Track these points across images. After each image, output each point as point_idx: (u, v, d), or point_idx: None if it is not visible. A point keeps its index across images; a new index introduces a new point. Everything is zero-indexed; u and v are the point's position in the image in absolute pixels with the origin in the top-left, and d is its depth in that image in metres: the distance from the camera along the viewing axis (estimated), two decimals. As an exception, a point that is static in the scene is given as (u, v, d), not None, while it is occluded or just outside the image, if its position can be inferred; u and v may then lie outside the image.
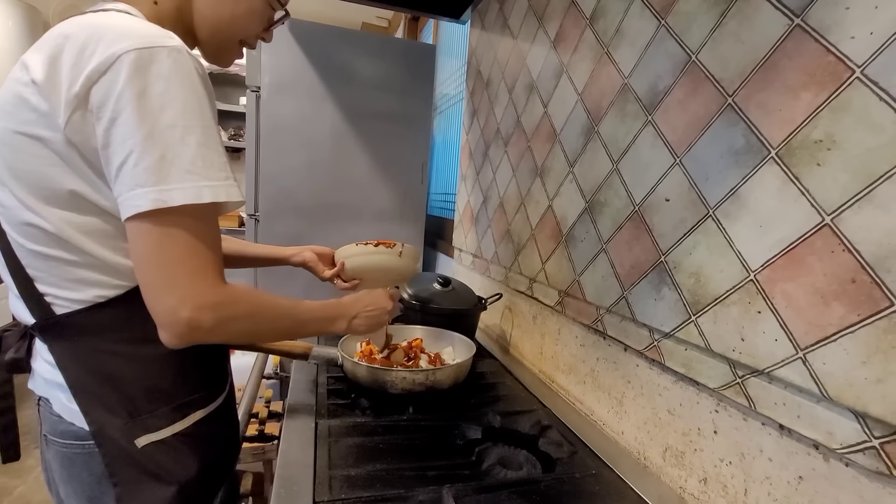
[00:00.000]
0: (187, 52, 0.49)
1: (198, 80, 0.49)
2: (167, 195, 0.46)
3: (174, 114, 0.47)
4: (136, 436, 0.56)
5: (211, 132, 0.50)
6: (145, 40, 0.47)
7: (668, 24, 0.70)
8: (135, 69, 0.46)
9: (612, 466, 0.71)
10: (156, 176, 0.46)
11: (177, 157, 0.47)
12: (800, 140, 0.50)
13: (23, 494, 1.72)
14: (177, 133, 0.47)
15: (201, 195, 0.48)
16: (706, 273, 0.62)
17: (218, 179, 0.49)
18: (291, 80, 1.67)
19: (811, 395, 0.49)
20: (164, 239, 0.48)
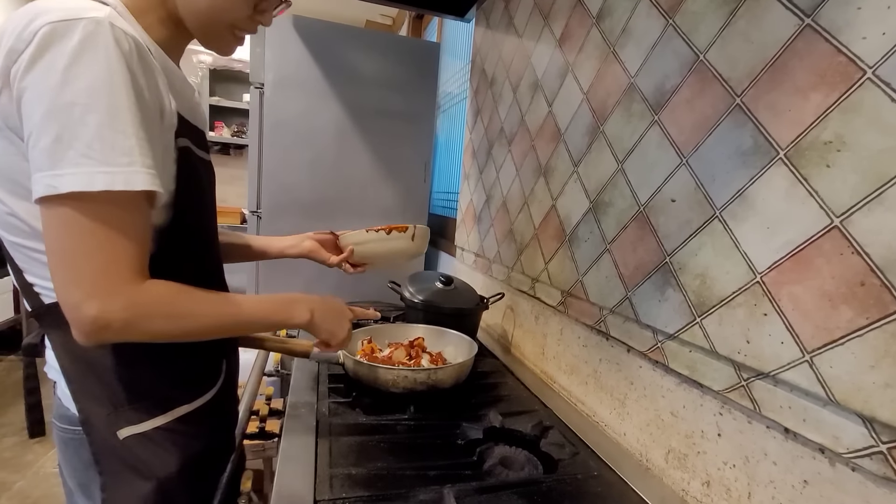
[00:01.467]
0: (110, 25, 0.44)
1: (114, 55, 0.44)
2: (58, 180, 0.43)
3: (76, 90, 0.43)
4: (118, 427, 0.56)
5: (120, 112, 0.44)
6: (64, 13, 0.43)
7: (675, 23, 0.69)
8: (45, 43, 0.42)
9: (614, 468, 0.70)
10: (50, 159, 0.43)
11: (73, 138, 0.43)
12: (809, 141, 0.50)
13: (22, 489, 1.72)
14: (76, 112, 0.43)
15: (93, 182, 0.43)
16: (712, 274, 0.61)
17: (118, 165, 0.44)
18: (295, 78, 1.66)
19: (817, 399, 0.49)
20: (71, 228, 0.44)
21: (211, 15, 0.57)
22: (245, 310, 0.58)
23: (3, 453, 1.90)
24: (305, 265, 0.99)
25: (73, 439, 0.57)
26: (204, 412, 0.63)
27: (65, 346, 0.55)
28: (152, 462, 0.58)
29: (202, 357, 0.64)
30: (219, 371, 0.68)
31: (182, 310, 0.52)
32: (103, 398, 0.55)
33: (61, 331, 0.54)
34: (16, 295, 2.75)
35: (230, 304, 0.56)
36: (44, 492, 1.70)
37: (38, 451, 1.92)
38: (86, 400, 0.55)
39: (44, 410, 0.64)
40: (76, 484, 0.60)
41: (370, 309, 0.80)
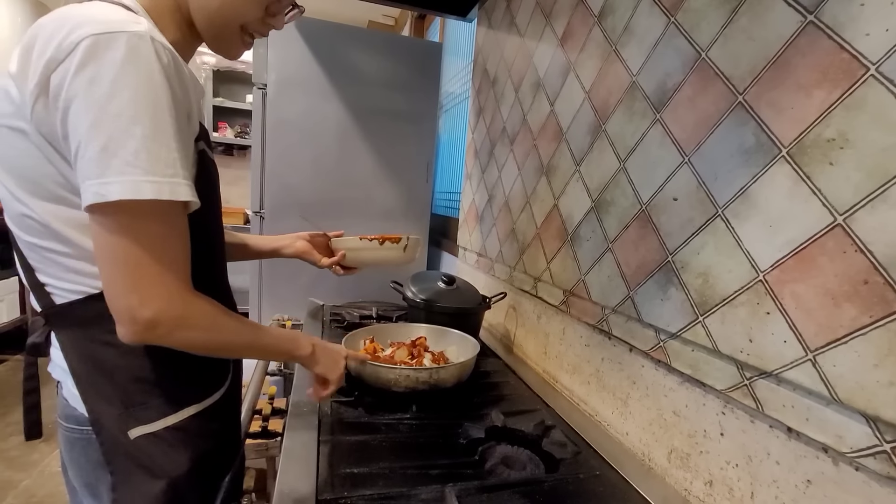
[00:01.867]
0: (151, 39, 0.46)
1: (156, 69, 0.46)
2: (106, 188, 0.44)
3: (122, 102, 0.44)
4: (129, 426, 0.56)
5: (162, 125, 0.46)
6: (106, 26, 0.44)
7: (677, 21, 0.69)
8: (89, 55, 0.43)
9: (617, 467, 0.70)
10: (98, 168, 0.44)
11: (119, 147, 0.44)
12: (812, 139, 0.50)
13: (28, 488, 1.73)
14: (122, 122, 0.44)
15: (140, 190, 0.44)
16: (714, 273, 0.61)
17: (163, 175, 0.46)
18: (298, 78, 1.67)
19: (821, 398, 0.48)
20: (126, 236, 0.46)
21: (222, 16, 0.58)
22: (263, 337, 0.62)
23: (9, 452, 1.92)
24: (308, 266, 1.00)
25: (81, 439, 0.58)
26: (213, 411, 0.64)
27: (75, 347, 0.55)
28: (163, 461, 0.58)
29: (212, 359, 0.65)
30: (227, 370, 0.69)
31: (219, 327, 0.55)
32: (114, 398, 0.56)
33: (72, 331, 0.55)
34: (21, 295, 2.77)
35: (253, 330, 0.61)
36: (49, 490, 1.71)
37: (44, 451, 1.93)
38: (96, 400, 0.56)
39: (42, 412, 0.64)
40: (82, 484, 0.60)
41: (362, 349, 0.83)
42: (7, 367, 2.68)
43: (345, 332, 1.15)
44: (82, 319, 0.54)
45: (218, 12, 0.58)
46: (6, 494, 1.68)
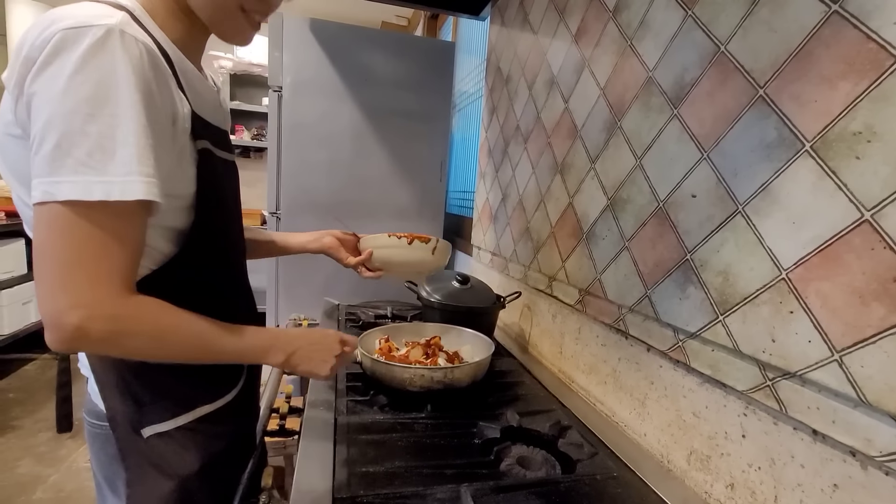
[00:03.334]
0: (120, 32, 0.44)
1: (121, 62, 0.44)
2: (56, 188, 0.43)
3: (78, 98, 0.42)
4: (142, 425, 0.57)
5: (123, 122, 0.44)
6: (76, 21, 0.43)
7: (695, 14, 0.68)
8: (54, 51, 0.42)
9: (635, 469, 0.69)
10: (49, 166, 0.43)
11: (73, 146, 0.42)
12: (837, 132, 0.48)
13: (56, 482, 1.79)
14: (77, 120, 0.42)
15: (90, 191, 0.43)
16: (735, 271, 0.60)
17: (116, 175, 0.44)
18: (312, 80, 1.68)
19: (848, 400, 0.47)
20: (64, 235, 0.44)
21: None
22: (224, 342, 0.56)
23: (38, 447, 1.98)
24: (324, 266, 1.01)
25: (101, 434, 0.59)
26: (225, 412, 0.64)
27: None
28: (174, 461, 0.59)
29: None
30: (240, 372, 0.69)
31: (167, 333, 0.51)
32: (128, 396, 0.57)
33: None
34: (49, 296, 2.86)
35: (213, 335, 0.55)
36: (77, 485, 1.77)
37: (71, 447, 1.99)
38: (112, 397, 0.57)
39: (73, 407, 0.66)
40: (103, 477, 0.62)
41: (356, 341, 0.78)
42: (36, 365, 2.77)
43: (360, 331, 1.16)
44: None
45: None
46: (35, 488, 1.74)
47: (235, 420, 0.68)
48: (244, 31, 0.59)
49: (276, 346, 0.62)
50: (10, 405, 2.31)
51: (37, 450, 1.97)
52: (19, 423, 2.16)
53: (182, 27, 0.56)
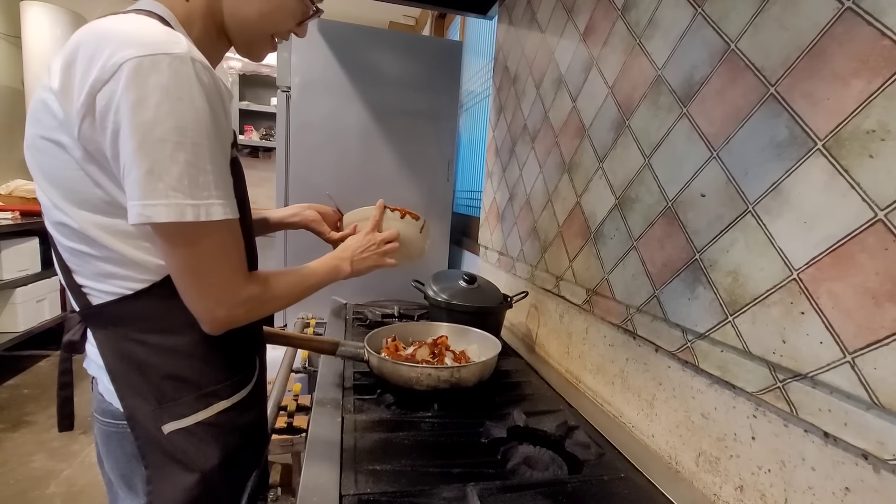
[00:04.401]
0: (192, 60, 0.48)
1: (198, 92, 0.48)
2: (152, 210, 0.48)
3: (166, 128, 0.47)
4: (163, 422, 0.58)
5: (202, 150, 0.49)
6: (148, 48, 0.46)
7: (705, 12, 0.67)
8: (133, 78, 0.45)
9: (642, 470, 0.69)
10: (141, 190, 0.47)
11: (164, 173, 0.47)
12: (850, 131, 0.47)
13: (69, 477, 1.82)
14: (167, 149, 0.47)
15: (184, 214, 0.49)
16: (745, 272, 0.59)
17: (201, 199, 0.50)
18: (320, 80, 1.69)
19: (860, 402, 0.46)
20: (185, 252, 0.52)
21: (260, 27, 0.63)
22: (311, 280, 0.70)
23: (51, 443, 2.02)
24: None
25: (116, 433, 0.60)
26: (241, 407, 0.65)
27: (111, 346, 0.58)
28: (195, 455, 0.60)
29: (240, 354, 0.67)
30: (254, 367, 0.70)
31: (278, 297, 0.63)
32: (148, 394, 0.58)
33: (108, 330, 0.57)
34: (62, 294, 2.91)
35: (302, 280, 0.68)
36: (89, 480, 1.79)
37: (84, 442, 2.02)
38: (131, 396, 0.58)
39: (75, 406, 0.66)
40: (118, 476, 0.63)
41: None
42: (50, 362, 2.82)
43: (367, 330, 1.16)
44: (117, 319, 0.57)
45: (257, 23, 0.62)
46: (49, 483, 1.77)
47: (250, 415, 0.69)
48: (265, 53, 0.67)
49: (337, 263, 0.76)
50: (25, 401, 2.35)
51: (50, 445, 2.00)
52: (33, 418, 2.20)
53: (211, 42, 0.61)
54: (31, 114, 0.52)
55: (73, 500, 1.69)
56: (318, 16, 0.68)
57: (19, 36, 2.94)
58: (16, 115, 3.03)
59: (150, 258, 0.55)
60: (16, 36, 3.00)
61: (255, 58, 0.67)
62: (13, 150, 3.04)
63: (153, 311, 0.57)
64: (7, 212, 2.58)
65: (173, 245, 0.52)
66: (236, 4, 0.60)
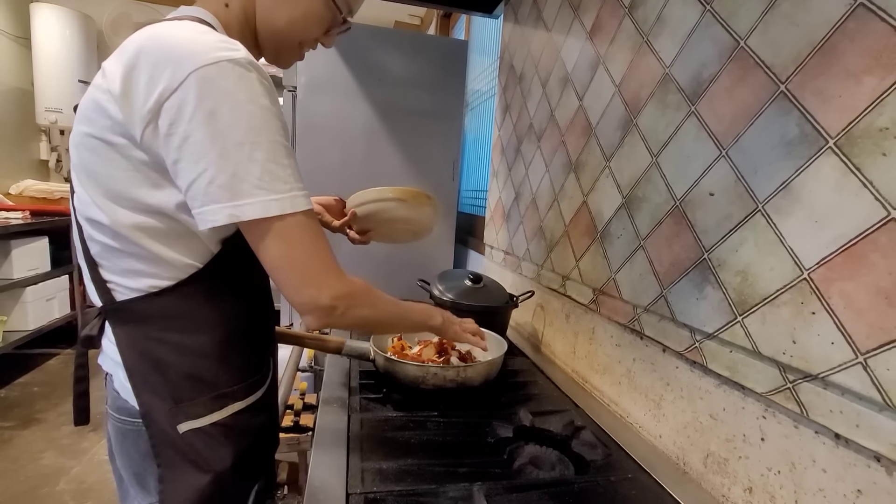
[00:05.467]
0: (250, 64, 0.50)
1: (261, 93, 0.51)
2: (240, 210, 0.50)
3: (242, 132, 0.49)
4: (178, 421, 0.58)
5: (276, 145, 0.51)
6: (211, 55, 0.48)
7: (713, 9, 0.67)
8: (203, 87, 0.48)
9: (650, 471, 0.68)
10: (229, 193, 0.49)
11: (247, 174, 0.49)
12: (862, 128, 0.47)
13: (78, 474, 1.83)
14: (245, 151, 0.49)
15: (269, 209, 0.50)
16: (754, 271, 0.58)
17: (282, 192, 0.51)
18: (326, 80, 1.70)
19: (872, 403, 0.46)
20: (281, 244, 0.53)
21: (288, 34, 0.64)
22: (407, 310, 0.70)
23: (61, 440, 2.04)
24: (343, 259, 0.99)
25: (132, 431, 0.60)
26: (255, 408, 0.66)
27: (131, 342, 0.58)
28: (209, 456, 0.60)
29: (255, 355, 0.67)
30: (268, 368, 0.71)
31: (379, 303, 0.63)
32: (165, 393, 0.58)
33: (129, 327, 0.58)
34: (71, 292, 2.94)
35: (397, 304, 0.68)
36: (98, 477, 1.81)
37: (93, 440, 2.04)
38: (147, 394, 0.58)
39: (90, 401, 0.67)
40: (131, 474, 0.63)
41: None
42: (59, 360, 2.85)
43: (373, 329, 1.16)
44: (140, 316, 0.57)
45: (285, 30, 0.63)
46: (59, 480, 1.79)
47: (263, 415, 0.69)
48: (291, 61, 0.68)
49: (431, 312, 0.78)
50: (35, 399, 2.38)
51: (60, 442, 2.02)
52: (43, 416, 2.22)
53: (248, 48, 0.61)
54: (82, 112, 0.54)
55: (82, 496, 1.71)
56: (346, 29, 0.69)
57: (29, 37, 2.98)
58: (26, 115, 3.07)
59: (179, 257, 0.56)
60: (25, 37, 3.03)
61: (283, 65, 0.68)
62: (24, 150, 3.08)
63: (176, 309, 0.57)
64: (18, 211, 2.62)
65: (265, 241, 0.52)
66: (268, 10, 0.62)
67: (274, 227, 0.52)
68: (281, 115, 0.53)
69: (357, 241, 0.96)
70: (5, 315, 2.49)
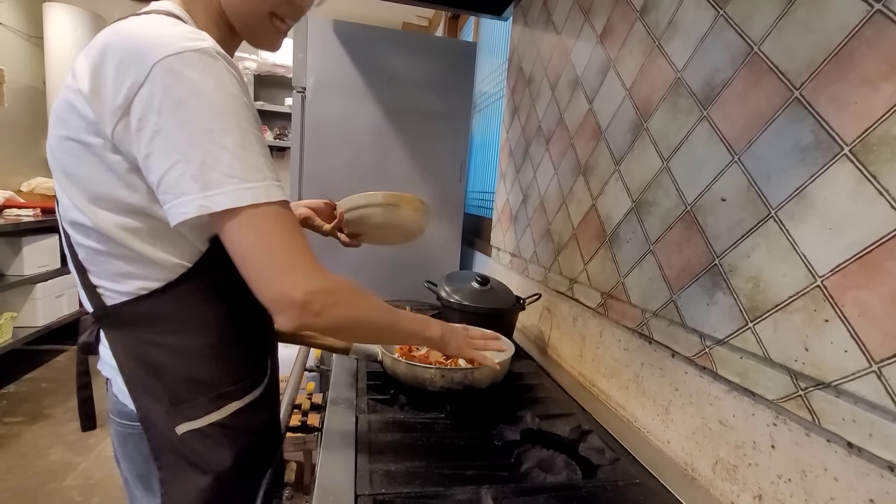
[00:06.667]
0: (218, 54, 0.49)
1: (229, 81, 0.49)
2: (211, 200, 0.47)
3: (209, 118, 0.47)
4: (176, 423, 0.58)
5: (246, 133, 0.49)
6: (176, 46, 0.47)
7: (727, 14, 0.66)
8: (168, 78, 0.46)
9: (658, 476, 0.68)
10: (199, 183, 0.47)
11: (217, 161, 0.47)
12: (878, 136, 0.46)
13: (86, 470, 1.85)
14: (214, 138, 0.47)
15: (241, 198, 0.48)
16: (766, 277, 0.58)
17: (255, 181, 0.49)
18: (335, 81, 1.70)
19: (886, 413, 0.45)
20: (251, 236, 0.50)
21: (249, 4, 0.59)
22: (398, 316, 0.64)
23: (69, 436, 2.06)
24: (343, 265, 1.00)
25: (133, 434, 0.60)
26: (254, 407, 0.65)
27: (124, 346, 0.58)
28: (209, 456, 0.59)
29: (251, 353, 0.66)
30: (266, 367, 0.70)
31: (364, 303, 0.58)
32: (161, 396, 0.58)
33: (121, 331, 0.57)
34: (80, 289, 2.96)
35: (389, 308, 0.63)
36: (105, 473, 1.83)
37: (100, 436, 2.06)
38: (144, 398, 0.58)
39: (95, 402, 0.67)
40: (135, 476, 0.63)
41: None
42: (67, 356, 2.88)
43: (380, 330, 1.17)
44: (131, 320, 0.57)
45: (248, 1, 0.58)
46: (66, 475, 1.81)
47: (263, 414, 0.69)
48: (272, 37, 0.63)
49: (430, 322, 0.71)
50: (43, 394, 2.40)
51: (67, 438, 2.04)
52: (51, 411, 2.24)
53: (219, 33, 0.60)
54: (55, 115, 0.53)
55: (89, 492, 1.72)
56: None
57: (41, 37, 3.01)
58: (38, 114, 3.10)
59: (167, 257, 0.55)
60: (38, 37, 3.06)
61: (264, 44, 0.63)
62: (35, 148, 3.11)
63: (167, 311, 0.57)
64: (29, 209, 2.65)
65: (236, 232, 0.49)
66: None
67: (245, 217, 0.49)
68: (252, 107, 0.51)
69: (348, 244, 0.96)
70: (15, 311, 2.52)
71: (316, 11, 1.75)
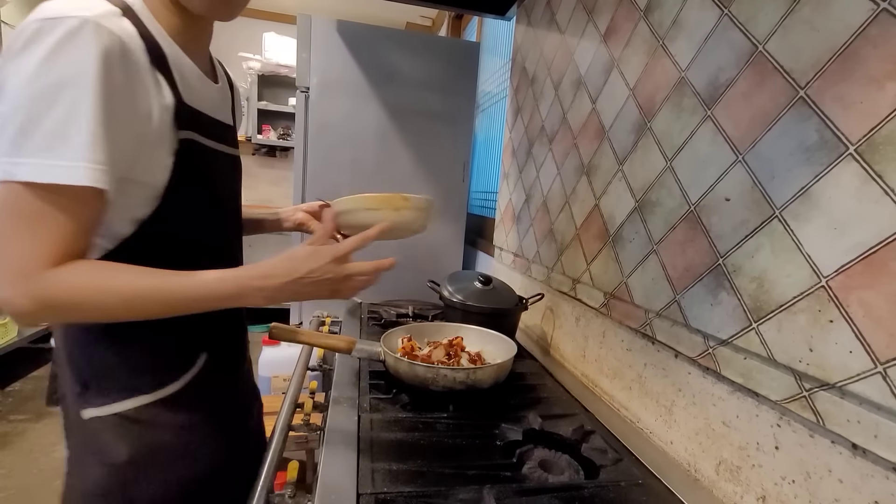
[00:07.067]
0: (95, 24, 0.45)
1: (92, 53, 0.45)
2: (16, 168, 0.45)
3: (44, 85, 0.44)
4: (82, 407, 0.58)
5: (85, 109, 0.45)
6: (57, 11, 0.45)
7: (731, 13, 0.66)
8: (30, 38, 0.44)
9: (660, 477, 0.68)
10: (12, 146, 0.45)
11: (35, 129, 0.44)
12: (884, 135, 0.46)
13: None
14: (42, 105, 0.44)
15: (46, 174, 0.45)
16: (770, 278, 0.58)
17: (68, 160, 0.45)
18: (338, 81, 1.71)
19: (892, 414, 0.45)
20: (4, 213, 0.46)
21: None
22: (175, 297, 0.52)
23: (73, 434, 2.07)
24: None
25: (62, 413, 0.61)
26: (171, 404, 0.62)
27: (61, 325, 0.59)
28: (108, 447, 0.58)
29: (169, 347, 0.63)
30: (188, 364, 0.64)
31: (95, 297, 0.49)
32: (75, 377, 0.57)
33: None
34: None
35: (159, 289, 0.51)
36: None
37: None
38: (64, 378, 0.58)
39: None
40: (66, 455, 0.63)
41: None
42: (72, 354, 2.89)
43: (382, 329, 1.17)
44: None
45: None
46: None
47: (188, 413, 0.64)
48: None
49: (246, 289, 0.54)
50: (48, 392, 2.41)
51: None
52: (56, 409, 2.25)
53: (178, 20, 0.57)
54: None
55: (93, 490, 1.73)
56: None
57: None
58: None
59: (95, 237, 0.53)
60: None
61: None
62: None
63: None
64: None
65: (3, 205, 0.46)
66: None
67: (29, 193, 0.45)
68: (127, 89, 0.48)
69: None
70: (20, 309, 2.53)
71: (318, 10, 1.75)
